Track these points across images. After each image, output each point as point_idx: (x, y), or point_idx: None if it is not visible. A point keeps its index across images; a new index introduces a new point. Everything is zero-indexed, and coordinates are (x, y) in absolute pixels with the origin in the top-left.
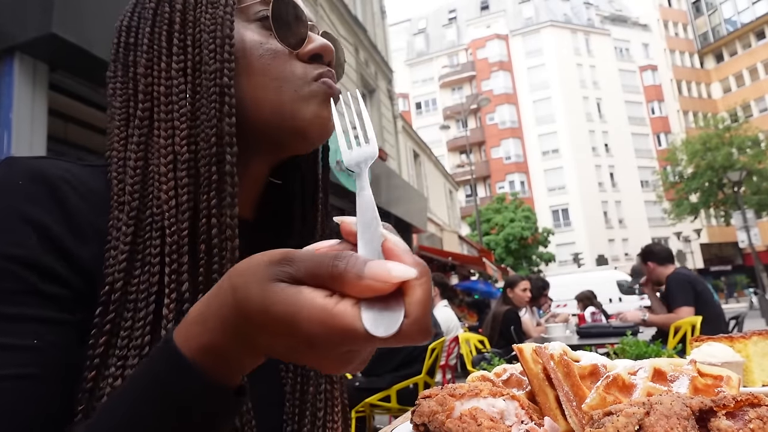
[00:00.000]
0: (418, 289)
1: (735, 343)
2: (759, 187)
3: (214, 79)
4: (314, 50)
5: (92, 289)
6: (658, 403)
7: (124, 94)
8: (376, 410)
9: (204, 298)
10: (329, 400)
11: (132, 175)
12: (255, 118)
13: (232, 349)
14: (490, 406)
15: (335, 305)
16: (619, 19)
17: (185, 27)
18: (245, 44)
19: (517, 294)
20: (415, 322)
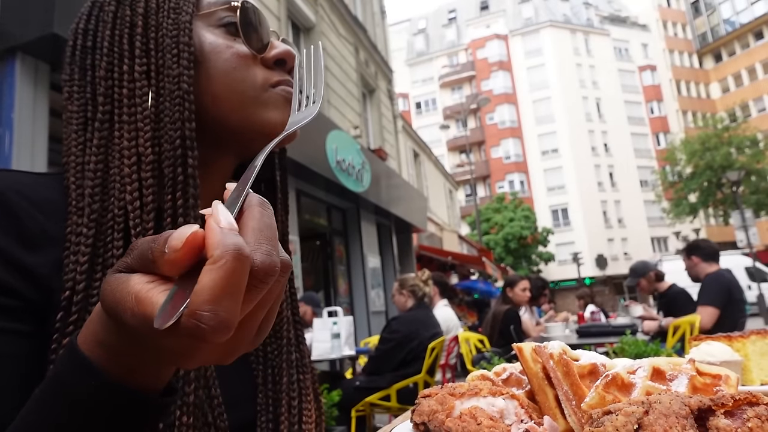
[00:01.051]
0: (211, 273)
1: (733, 342)
2: (757, 186)
3: (177, 83)
4: (279, 55)
5: (49, 297)
6: (657, 402)
7: (81, 97)
8: (376, 409)
9: None
10: (303, 390)
11: (92, 178)
12: (220, 118)
13: (123, 347)
14: (489, 405)
15: (147, 290)
16: (618, 20)
17: (147, 30)
18: (212, 47)
19: (517, 293)
20: (193, 315)
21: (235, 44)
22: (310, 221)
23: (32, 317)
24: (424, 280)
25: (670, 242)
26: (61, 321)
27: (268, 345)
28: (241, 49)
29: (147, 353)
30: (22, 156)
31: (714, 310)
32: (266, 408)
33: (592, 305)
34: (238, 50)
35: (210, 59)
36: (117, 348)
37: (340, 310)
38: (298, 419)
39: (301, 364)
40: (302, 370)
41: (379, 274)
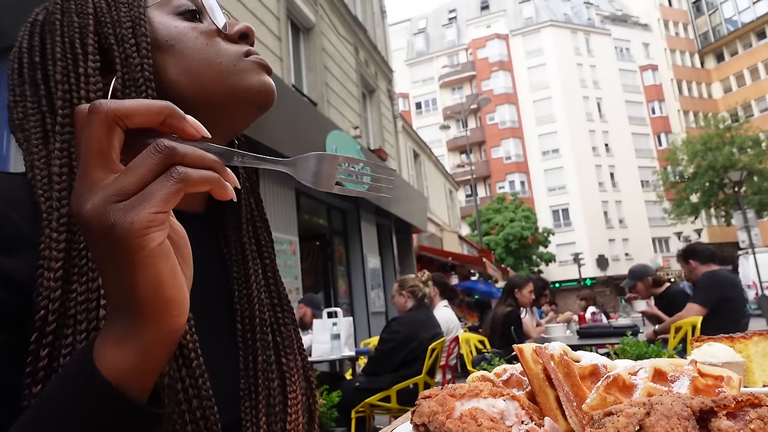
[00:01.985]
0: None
1: (736, 343)
2: (760, 187)
3: (141, 71)
4: (241, 29)
5: (27, 303)
6: (659, 403)
7: (37, 111)
8: (376, 410)
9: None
10: (286, 373)
11: (58, 182)
12: (201, 95)
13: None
14: (490, 406)
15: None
16: (619, 19)
17: (102, 28)
18: (178, 30)
19: (524, 295)
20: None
21: (198, 26)
22: (310, 222)
23: (9, 325)
24: (423, 281)
25: (672, 243)
26: (38, 330)
27: (247, 332)
28: (208, 28)
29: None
30: (20, 156)
31: (700, 308)
32: (249, 395)
33: (593, 306)
34: (205, 29)
35: (179, 41)
36: (117, 334)
37: (340, 310)
38: (281, 402)
39: (282, 346)
40: (285, 353)
41: (379, 275)
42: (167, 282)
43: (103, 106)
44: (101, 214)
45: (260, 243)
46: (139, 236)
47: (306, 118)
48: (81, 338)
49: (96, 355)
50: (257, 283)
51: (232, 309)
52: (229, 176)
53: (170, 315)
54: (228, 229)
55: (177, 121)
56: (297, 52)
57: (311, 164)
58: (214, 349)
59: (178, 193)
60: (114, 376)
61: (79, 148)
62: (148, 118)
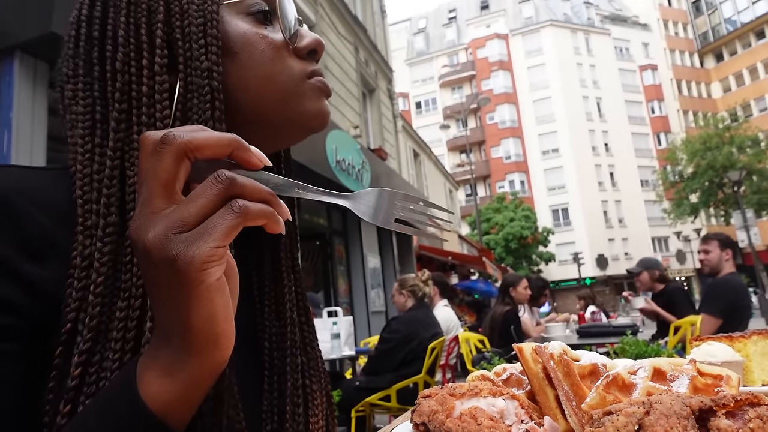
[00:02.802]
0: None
1: (735, 342)
2: (759, 186)
3: (207, 78)
4: (311, 45)
5: (55, 313)
6: (658, 402)
7: (88, 96)
8: (376, 410)
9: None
10: (309, 395)
11: (108, 186)
12: (255, 111)
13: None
14: (490, 405)
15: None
16: (619, 19)
17: (171, 18)
18: (245, 37)
19: (519, 292)
20: None
21: (267, 34)
22: (310, 221)
23: (33, 337)
24: (424, 281)
25: (671, 242)
26: (64, 345)
27: (274, 350)
28: (276, 40)
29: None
30: (20, 156)
31: (717, 320)
32: (271, 417)
33: (593, 306)
34: (273, 41)
35: (244, 50)
36: (163, 363)
37: (340, 310)
38: (304, 426)
39: (308, 368)
40: (310, 374)
41: (379, 274)
42: (220, 316)
43: (177, 138)
44: (163, 245)
45: (294, 257)
46: (200, 270)
47: None
48: (113, 357)
49: (140, 383)
50: (290, 301)
51: (252, 323)
52: (283, 210)
53: (219, 348)
54: (263, 239)
55: (243, 153)
56: None
57: (371, 200)
58: (238, 367)
59: (238, 227)
60: (158, 407)
61: (143, 173)
62: (218, 150)
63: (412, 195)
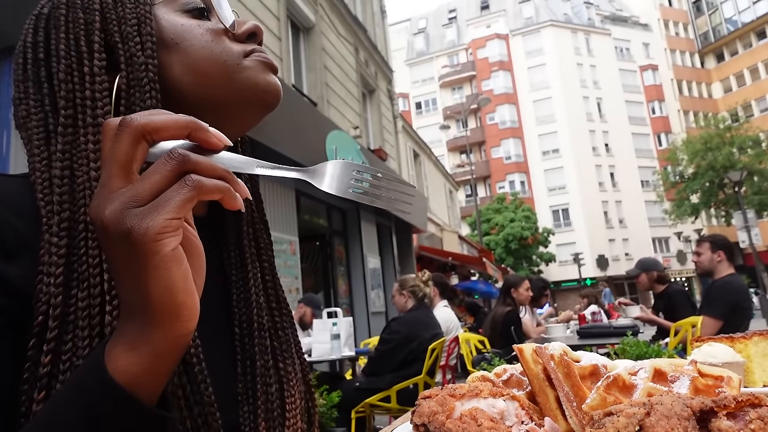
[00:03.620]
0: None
1: (736, 343)
2: (760, 187)
3: (144, 71)
4: (250, 29)
5: (27, 309)
6: (659, 403)
7: (40, 111)
8: (376, 410)
9: None
10: (283, 377)
11: (59, 185)
12: (204, 93)
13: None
14: (490, 406)
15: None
16: (619, 19)
17: (108, 25)
18: (184, 27)
19: (521, 294)
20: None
21: (205, 23)
22: (310, 222)
23: (11, 332)
24: (424, 281)
25: (672, 243)
26: (37, 336)
27: (245, 336)
28: (214, 26)
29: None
30: (19, 156)
31: (717, 322)
32: (246, 399)
33: (595, 305)
34: (212, 27)
35: (184, 39)
36: (128, 338)
37: (340, 310)
38: (279, 406)
39: (280, 351)
40: (283, 357)
41: (379, 275)
42: (179, 286)
43: (134, 120)
44: (118, 219)
45: (259, 246)
46: (154, 241)
47: (306, 118)
48: (83, 344)
49: (107, 359)
50: (256, 286)
51: (229, 313)
52: (240, 187)
53: (181, 319)
54: (227, 231)
55: (201, 134)
56: (297, 52)
57: (328, 170)
58: (212, 353)
59: (192, 200)
60: (125, 380)
61: (104, 157)
62: (175, 132)
63: (370, 167)
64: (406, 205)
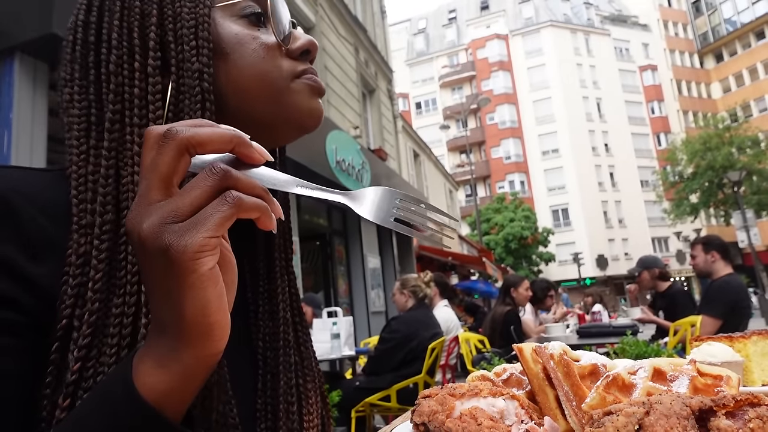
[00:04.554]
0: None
1: (735, 342)
2: (759, 187)
3: (198, 79)
4: (304, 46)
5: (51, 310)
6: (658, 402)
7: (83, 99)
8: (376, 410)
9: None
10: (303, 394)
11: (104, 185)
12: (247, 110)
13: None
14: (490, 405)
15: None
16: (619, 19)
17: (164, 21)
18: (237, 38)
19: (520, 294)
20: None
21: (260, 35)
22: (310, 221)
23: (33, 332)
24: (426, 282)
25: (671, 243)
26: (60, 340)
27: (267, 350)
28: (268, 40)
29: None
30: (20, 156)
31: (717, 321)
32: (265, 415)
33: (599, 304)
34: (265, 41)
35: (236, 50)
36: (158, 355)
37: (340, 310)
38: (298, 425)
39: (301, 367)
40: (304, 373)
41: (379, 275)
42: (213, 306)
43: (180, 133)
44: (156, 234)
45: (288, 258)
46: (192, 260)
47: None
48: (110, 352)
49: (135, 375)
50: (284, 301)
51: (246, 324)
52: (276, 207)
53: (213, 339)
54: (258, 241)
55: (245, 149)
56: None
57: (370, 198)
58: (231, 366)
59: (231, 218)
60: (153, 397)
61: (144, 167)
62: (220, 146)
63: (413, 196)
64: (448, 239)
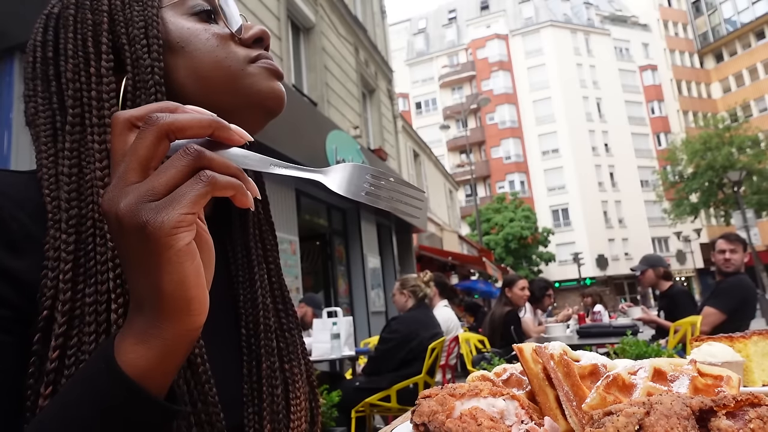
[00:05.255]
0: None
1: (735, 342)
2: (759, 186)
3: (150, 74)
4: (256, 34)
5: (33, 304)
6: (658, 402)
7: (47, 108)
8: (376, 410)
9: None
10: (288, 378)
11: (67, 183)
12: (208, 98)
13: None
14: (490, 405)
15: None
16: (618, 19)
17: (115, 27)
18: (190, 31)
19: (515, 293)
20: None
21: (212, 27)
22: (310, 221)
23: (19, 326)
24: (426, 282)
25: (671, 242)
26: (42, 331)
27: (251, 337)
28: (221, 31)
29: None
30: (20, 156)
31: (721, 315)
32: (251, 400)
33: (600, 305)
34: (218, 32)
35: (190, 43)
36: (138, 331)
37: (340, 310)
38: (284, 408)
39: (287, 352)
40: (289, 358)
41: (379, 275)
42: (191, 281)
43: (159, 119)
44: (133, 213)
45: (266, 247)
46: (169, 235)
47: (306, 118)
48: (89, 339)
49: (117, 352)
50: (262, 288)
51: (235, 313)
52: (251, 185)
53: (191, 313)
54: (234, 232)
55: (224, 132)
56: (297, 52)
57: (341, 173)
58: (217, 353)
59: (206, 196)
60: (135, 373)
61: (119, 151)
62: (199, 131)
63: (382, 171)
64: (415, 210)
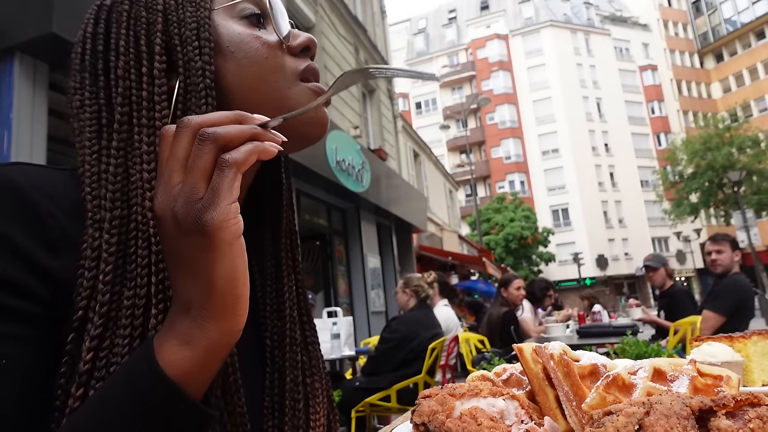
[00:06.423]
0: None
1: (735, 342)
2: (759, 187)
3: (201, 76)
4: (304, 43)
5: (67, 302)
6: (658, 402)
7: (94, 104)
8: (376, 410)
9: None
10: (309, 393)
11: (112, 182)
12: (251, 110)
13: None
14: (490, 405)
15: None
16: (619, 19)
17: (168, 27)
18: (240, 37)
19: (511, 293)
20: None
21: (261, 34)
22: (310, 221)
23: (49, 323)
24: (429, 282)
25: (671, 242)
26: (76, 331)
27: (275, 348)
28: (270, 39)
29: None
30: (20, 156)
31: (720, 317)
32: (272, 412)
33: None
34: (267, 40)
35: (239, 49)
36: (181, 333)
37: (340, 310)
38: (305, 422)
39: (309, 366)
40: (311, 372)
41: (379, 275)
42: (241, 278)
43: (191, 120)
44: (188, 214)
45: (295, 258)
46: (221, 228)
47: None
48: (123, 343)
49: (158, 354)
50: (290, 300)
51: (257, 323)
52: (271, 136)
53: (236, 313)
54: (266, 241)
55: (263, 140)
56: None
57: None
58: (241, 362)
59: (237, 179)
60: (176, 374)
61: (165, 159)
62: (240, 135)
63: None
64: (429, 75)
